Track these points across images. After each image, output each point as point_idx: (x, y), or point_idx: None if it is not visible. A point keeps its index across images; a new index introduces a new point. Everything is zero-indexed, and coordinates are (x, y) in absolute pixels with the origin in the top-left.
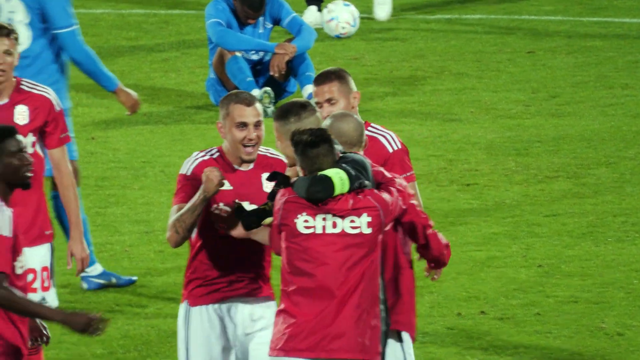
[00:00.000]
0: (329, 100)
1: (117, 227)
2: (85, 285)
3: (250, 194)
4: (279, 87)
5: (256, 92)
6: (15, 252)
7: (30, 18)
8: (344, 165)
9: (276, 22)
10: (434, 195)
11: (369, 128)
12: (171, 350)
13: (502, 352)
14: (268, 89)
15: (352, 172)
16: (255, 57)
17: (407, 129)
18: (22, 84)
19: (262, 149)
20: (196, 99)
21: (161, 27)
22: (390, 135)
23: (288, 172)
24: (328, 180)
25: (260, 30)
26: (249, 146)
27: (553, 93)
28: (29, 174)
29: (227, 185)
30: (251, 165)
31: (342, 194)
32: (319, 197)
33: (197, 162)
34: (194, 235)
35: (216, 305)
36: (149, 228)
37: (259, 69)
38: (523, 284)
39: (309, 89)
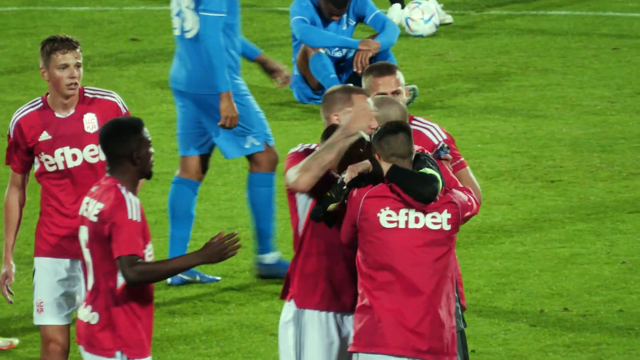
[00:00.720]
0: (396, 92)
1: (201, 223)
2: (169, 281)
3: None
4: (361, 84)
5: None
6: (144, 239)
7: (194, 4)
8: (428, 162)
9: (360, 19)
10: (518, 192)
11: (413, 122)
12: (253, 346)
13: (584, 349)
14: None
15: (435, 169)
16: (338, 54)
17: (491, 125)
18: (86, 92)
19: None
20: (279, 96)
21: (245, 25)
22: (434, 127)
23: (359, 166)
24: (437, 181)
25: (344, 27)
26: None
27: (638, 89)
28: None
29: None
30: None
31: None
32: (432, 199)
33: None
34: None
35: (330, 313)
36: (232, 224)
37: (343, 66)
38: (606, 281)
39: None
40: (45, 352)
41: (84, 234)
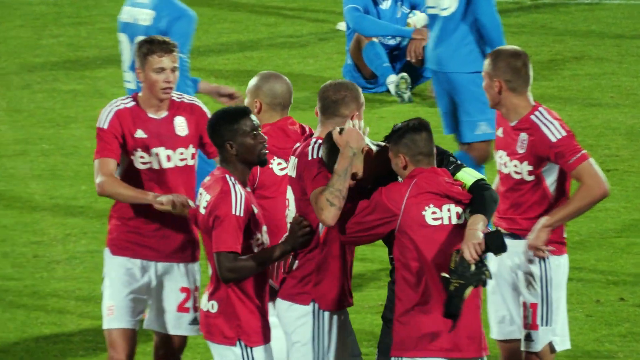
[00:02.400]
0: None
1: None
2: None
3: None
4: (415, 73)
5: (393, 78)
6: (251, 231)
7: None
8: (461, 163)
9: (414, 7)
10: (573, 181)
11: (535, 113)
12: None
13: None
14: (405, 74)
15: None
16: (392, 42)
17: None
18: (173, 96)
19: None
20: None
21: (300, 14)
22: (554, 125)
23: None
24: (486, 183)
25: (398, 16)
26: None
27: None
28: (265, 151)
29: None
30: None
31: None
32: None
33: None
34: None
35: (342, 312)
36: None
37: (396, 55)
38: None
39: None
40: (111, 356)
41: (199, 224)
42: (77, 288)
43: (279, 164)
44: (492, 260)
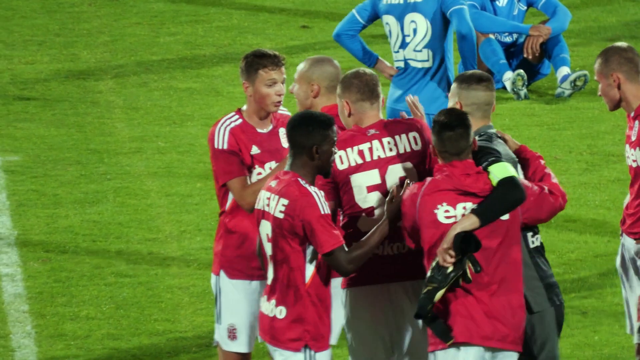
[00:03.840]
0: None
1: None
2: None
3: None
4: (532, 70)
5: (509, 75)
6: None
7: None
8: (494, 153)
9: (531, 4)
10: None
11: None
12: None
13: None
14: (521, 71)
15: (502, 159)
16: (508, 39)
17: None
18: None
19: None
20: None
21: None
22: None
23: (445, 245)
24: (514, 180)
25: (515, 12)
26: None
27: None
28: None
29: None
30: None
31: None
32: (524, 197)
33: None
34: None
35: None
36: None
37: (512, 51)
38: None
39: (564, 70)
40: None
41: (265, 228)
42: (191, 285)
43: None
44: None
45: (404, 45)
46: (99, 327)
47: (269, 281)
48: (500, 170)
